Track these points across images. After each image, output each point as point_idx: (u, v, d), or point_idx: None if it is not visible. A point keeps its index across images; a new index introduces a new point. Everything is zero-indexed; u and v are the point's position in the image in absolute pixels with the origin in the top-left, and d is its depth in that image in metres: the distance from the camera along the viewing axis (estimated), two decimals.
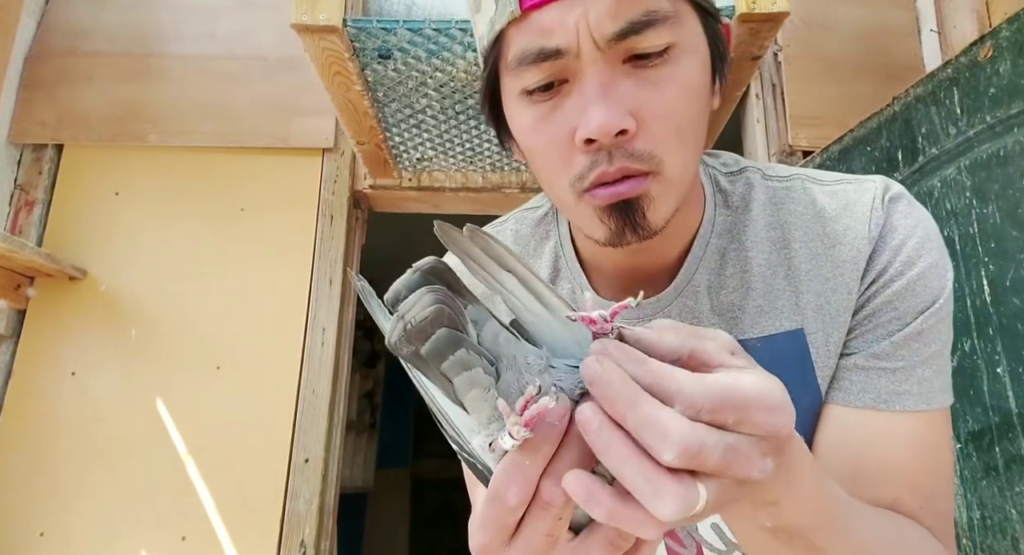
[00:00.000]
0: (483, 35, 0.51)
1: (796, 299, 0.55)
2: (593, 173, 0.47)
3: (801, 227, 0.56)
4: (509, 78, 0.50)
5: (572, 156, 0.48)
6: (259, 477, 1.53)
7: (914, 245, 0.52)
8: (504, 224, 0.67)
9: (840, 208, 0.55)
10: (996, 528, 0.99)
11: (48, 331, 1.62)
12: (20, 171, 1.74)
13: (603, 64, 0.45)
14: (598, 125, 0.44)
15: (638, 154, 0.46)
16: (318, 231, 1.71)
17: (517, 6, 0.46)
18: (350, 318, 1.73)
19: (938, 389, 0.53)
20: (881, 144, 1.31)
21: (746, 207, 0.58)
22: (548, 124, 0.48)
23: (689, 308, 0.57)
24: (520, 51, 0.47)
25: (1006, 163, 1.01)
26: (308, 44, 1.08)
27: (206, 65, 1.80)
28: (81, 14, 1.84)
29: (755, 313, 0.56)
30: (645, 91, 0.46)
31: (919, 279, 0.52)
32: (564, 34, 0.45)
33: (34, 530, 1.49)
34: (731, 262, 0.57)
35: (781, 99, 1.83)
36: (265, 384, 1.60)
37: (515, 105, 0.51)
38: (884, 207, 0.54)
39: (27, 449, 1.54)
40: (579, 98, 0.46)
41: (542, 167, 0.52)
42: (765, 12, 1.04)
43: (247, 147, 1.76)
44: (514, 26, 0.47)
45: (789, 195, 0.57)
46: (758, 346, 0.56)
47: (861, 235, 0.53)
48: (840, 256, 0.54)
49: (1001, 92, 1.03)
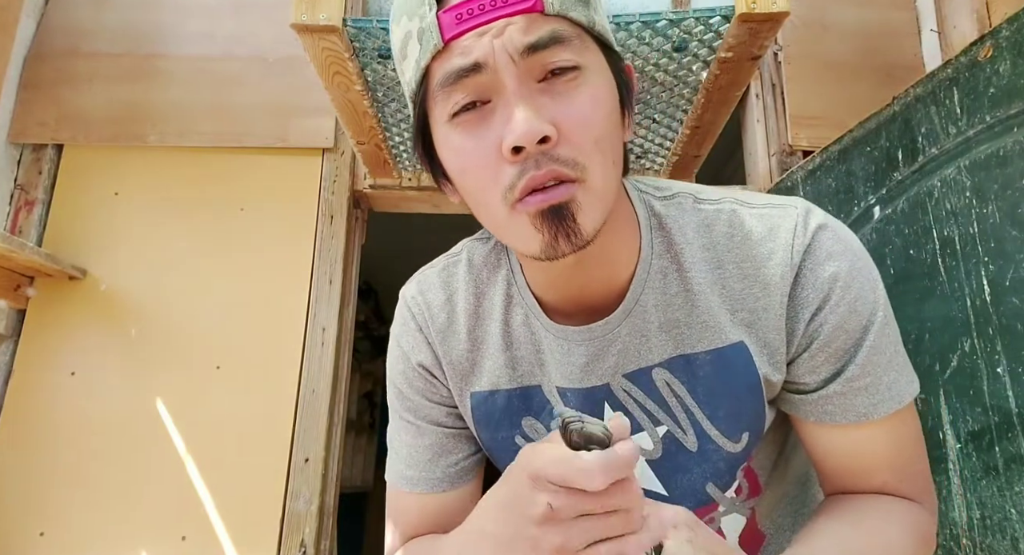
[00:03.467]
0: (411, 79, 0.54)
1: (732, 316, 0.59)
2: (523, 180, 0.49)
3: (732, 249, 0.59)
4: (436, 108, 0.53)
5: (501, 168, 0.50)
6: (259, 477, 1.53)
7: (846, 269, 0.56)
8: (460, 255, 0.69)
9: (766, 231, 0.58)
10: (996, 528, 0.99)
11: (48, 331, 1.62)
12: (20, 171, 1.74)
13: (520, 78, 0.49)
14: (523, 132, 0.48)
15: (563, 159, 0.49)
16: (318, 231, 1.71)
17: (439, 39, 0.50)
18: (350, 318, 1.73)
19: (905, 385, 0.59)
20: (881, 144, 1.31)
21: (680, 230, 0.61)
22: (475, 141, 0.51)
23: (637, 327, 0.60)
24: (443, 75, 0.51)
25: (1006, 163, 1.01)
26: (308, 44, 1.08)
27: (206, 65, 1.80)
28: (81, 14, 1.84)
29: (700, 328, 0.59)
30: (561, 104, 0.50)
31: (857, 300, 0.56)
32: (481, 50, 0.49)
33: (34, 530, 1.49)
34: (673, 281, 0.60)
35: (781, 99, 1.83)
36: (265, 384, 1.60)
37: (443, 132, 0.54)
38: (806, 234, 0.57)
39: (27, 449, 1.54)
40: (502, 112, 0.50)
41: (474, 186, 0.54)
42: (765, 12, 1.03)
43: (247, 147, 1.76)
44: (438, 59, 0.51)
45: (719, 217, 0.61)
46: (707, 359, 0.59)
47: (784, 261, 0.57)
48: (767, 278, 0.57)
49: (1001, 92, 1.03)
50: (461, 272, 0.67)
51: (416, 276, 0.71)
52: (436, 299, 0.67)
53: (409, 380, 0.69)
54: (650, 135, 1.54)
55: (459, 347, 0.66)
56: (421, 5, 0.51)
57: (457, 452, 0.69)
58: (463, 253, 0.69)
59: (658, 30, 1.12)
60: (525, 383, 0.65)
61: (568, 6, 0.51)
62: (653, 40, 1.15)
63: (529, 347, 0.64)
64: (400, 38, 0.55)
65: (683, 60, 1.20)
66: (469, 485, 0.71)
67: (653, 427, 0.62)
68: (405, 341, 0.68)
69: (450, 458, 0.69)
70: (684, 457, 0.62)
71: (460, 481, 0.70)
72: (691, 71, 1.24)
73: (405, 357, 0.68)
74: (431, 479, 0.68)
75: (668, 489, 0.64)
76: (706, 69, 1.22)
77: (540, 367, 0.64)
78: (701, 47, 1.16)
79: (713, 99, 1.28)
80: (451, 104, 0.51)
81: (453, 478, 0.69)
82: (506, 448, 0.67)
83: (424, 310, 0.67)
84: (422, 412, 0.69)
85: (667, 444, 0.62)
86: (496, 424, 0.66)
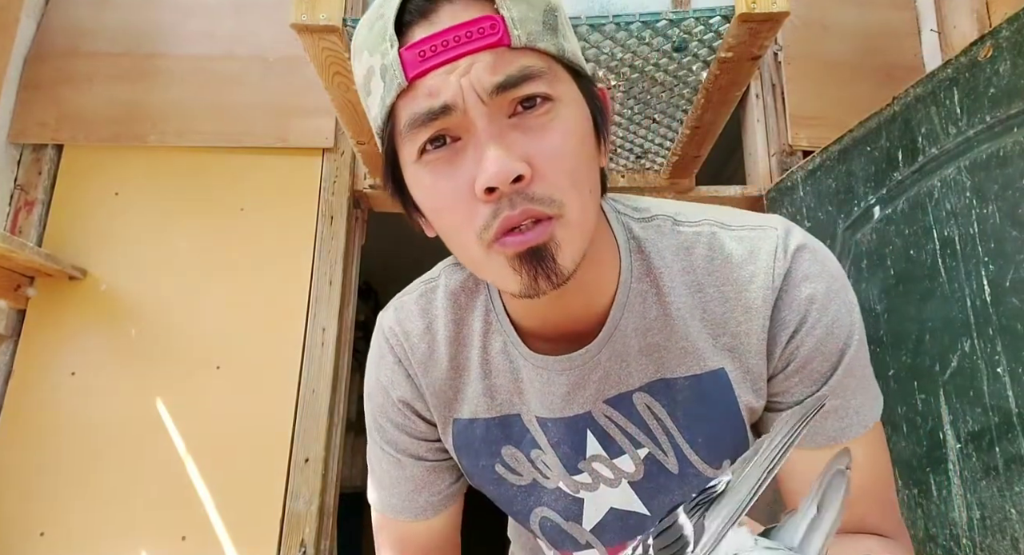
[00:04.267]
0: (376, 115, 0.52)
1: (713, 341, 0.58)
2: (497, 221, 0.48)
3: (712, 272, 0.58)
4: (404, 146, 0.51)
5: (474, 208, 0.49)
6: (259, 477, 1.53)
7: (823, 291, 0.56)
8: (437, 281, 0.67)
9: (746, 254, 0.58)
10: (996, 528, 0.99)
11: (48, 331, 1.62)
12: (20, 171, 1.74)
13: (490, 117, 0.48)
14: (495, 172, 0.46)
15: (539, 198, 0.48)
16: (318, 231, 1.71)
17: (403, 78, 0.48)
18: (350, 318, 1.73)
19: (872, 406, 0.58)
20: (881, 144, 1.31)
21: (659, 253, 0.60)
22: (447, 181, 0.50)
23: (618, 352, 0.59)
24: (411, 116, 0.49)
25: (1006, 163, 1.01)
26: (308, 44, 1.08)
27: (206, 65, 1.80)
28: (81, 14, 1.84)
29: (679, 354, 0.59)
30: (533, 139, 0.48)
31: (835, 323, 0.56)
32: (449, 91, 0.47)
33: (34, 530, 1.49)
34: (652, 306, 0.59)
35: (781, 99, 1.83)
36: (265, 384, 1.60)
37: (413, 171, 0.52)
38: (786, 257, 0.57)
39: (27, 449, 1.54)
40: (473, 151, 0.48)
41: (448, 226, 0.53)
42: (765, 12, 1.03)
43: (247, 147, 1.76)
44: (403, 97, 0.49)
45: (699, 240, 0.59)
46: (686, 385, 0.59)
47: (766, 284, 0.56)
48: (748, 302, 0.57)
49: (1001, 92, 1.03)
50: (439, 298, 0.65)
51: (393, 303, 0.69)
52: (415, 328, 0.65)
53: (388, 415, 0.67)
54: (650, 135, 1.54)
55: (441, 375, 0.65)
56: (382, 41, 0.49)
57: (439, 482, 0.69)
58: (440, 278, 0.67)
59: (658, 30, 1.12)
60: (504, 412, 0.64)
61: (535, 37, 0.49)
62: (653, 40, 1.15)
63: (508, 375, 0.63)
64: (363, 73, 0.53)
65: (683, 60, 1.20)
66: (454, 506, 0.71)
67: (634, 449, 0.62)
68: (384, 375, 0.67)
69: (432, 488, 0.68)
70: (665, 478, 0.62)
71: (444, 507, 0.69)
72: (691, 71, 1.24)
73: (384, 391, 0.67)
74: (414, 508, 0.68)
75: (650, 509, 0.64)
76: (706, 69, 1.22)
77: (519, 396, 0.63)
78: (701, 47, 1.16)
79: (713, 99, 1.28)
80: (420, 142, 0.50)
81: (437, 506, 0.69)
82: (487, 477, 0.66)
83: (403, 341, 0.66)
84: (402, 446, 0.68)
85: (648, 465, 0.62)
86: (476, 453, 0.66)
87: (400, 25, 0.49)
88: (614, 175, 1.73)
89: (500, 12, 0.48)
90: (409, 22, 0.49)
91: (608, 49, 1.17)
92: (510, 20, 0.48)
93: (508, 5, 0.48)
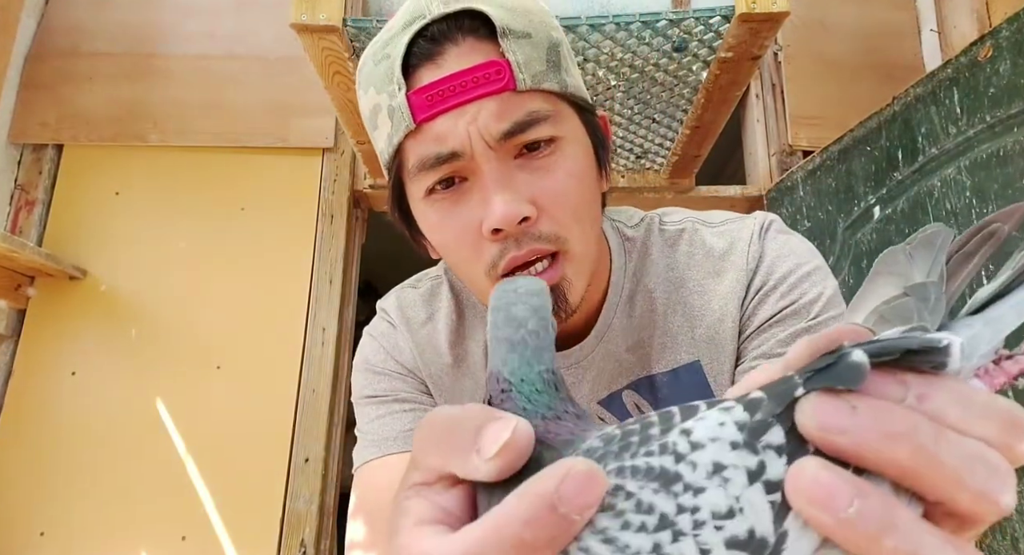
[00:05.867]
0: (383, 150, 0.54)
1: (692, 333, 0.59)
2: (504, 260, 0.50)
3: (693, 267, 0.61)
4: (412, 184, 0.53)
5: (481, 247, 0.51)
6: (259, 477, 1.53)
7: (793, 266, 0.57)
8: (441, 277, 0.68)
9: (726, 246, 0.60)
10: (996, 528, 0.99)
11: (48, 331, 1.62)
12: (20, 171, 1.74)
13: (497, 161, 0.49)
14: (502, 215, 0.48)
15: (544, 236, 0.50)
16: (318, 231, 1.71)
17: (411, 121, 0.50)
18: (350, 318, 1.73)
19: None
20: (881, 144, 1.31)
21: (646, 251, 0.62)
22: (454, 220, 0.52)
23: (610, 351, 0.61)
24: (419, 159, 0.51)
25: (1006, 163, 1.01)
26: (308, 44, 1.08)
27: (206, 65, 1.80)
28: (81, 14, 1.84)
29: (660, 349, 0.60)
30: (539, 180, 0.50)
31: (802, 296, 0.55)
32: (457, 138, 0.49)
33: (34, 530, 1.49)
34: (638, 303, 0.61)
35: (781, 99, 1.83)
36: (265, 384, 1.60)
37: (421, 208, 0.54)
38: (760, 240, 0.59)
39: (27, 449, 1.54)
40: (479, 193, 0.50)
41: (456, 260, 0.55)
42: (765, 12, 1.03)
43: (247, 147, 1.76)
44: (410, 138, 0.51)
45: (681, 236, 0.62)
46: (664, 379, 0.60)
47: (741, 267, 0.58)
48: (725, 290, 0.58)
49: (1001, 92, 1.03)
50: (443, 292, 0.67)
51: (395, 292, 0.70)
52: (417, 316, 0.67)
53: (388, 370, 0.66)
54: (650, 135, 1.54)
55: (441, 361, 0.65)
56: (390, 82, 0.50)
57: None
58: (444, 275, 0.68)
59: (658, 30, 1.12)
60: None
61: (540, 78, 0.50)
62: (653, 40, 1.15)
63: None
64: (369, 108, 0.54)
65: (683, 60, 1.20)
66: None
67: None
68: (388, 342, 0.67)
69: None
70: None
71: None
72: (691, 71, 1.24)
73: (386, 353, 0.66)
74: (410, 435, 0.63)
75: None
76: (706, 69, 1.22)
77: None
78: (701, 47, 1.16)
79: (713, 99, 1.28)
80: (428, 184, 0.51)
81: None
82: None
83: (406, 324, 0.67)
84: (399, 391, 0.65)
85: None
86: None
87: (407, 66, 0.50)
88: (614, 175, 1.73)
89: (506, 56, 0.49)
90: (415, 65, 0.50)
91: (608, 49, 1.17)
92: (515, 64, 0.49)
93: (513, 49, 0.49)
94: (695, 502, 0.20)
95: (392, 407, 0.64)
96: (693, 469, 0.20)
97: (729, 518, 0.19)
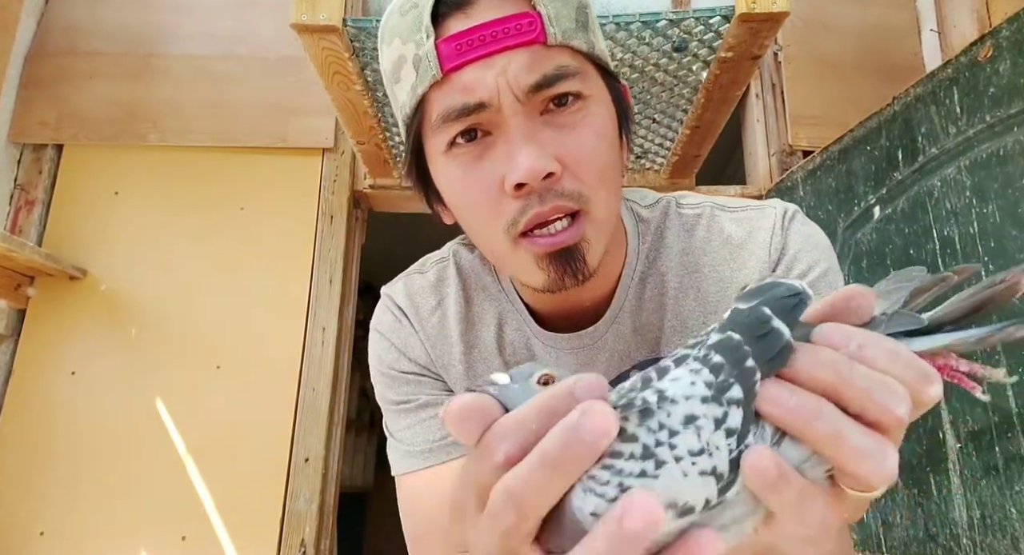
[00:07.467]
0: (405, 103, 0.52)
1: (704, 319, 0.59)
2: (526, 216, 0.49)
3: (710, 253, 0.60)
4: (434, 138, 0.52)
5: (502, 203, 0.50)
6: (259, 477, 1.53)
7: (811, 249, 0.57)
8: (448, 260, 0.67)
9: (745, 235, 0.59)
10: (996, 527, 0.99)
11: (48, 331, 1.62)
12: (20, 171, 1.74)
13: (524, 115, 0.48)
14: (527, 169, 0.47)
15: (568, 193, 0.49)
16: (318, 231, 1.71)
17: (438, 69, 0.48)
18: (350, 318, 1.74)
19: None
20: (881, 144, 1.31)
21: (661, 234, 0.62)
22: (476, 175, 0.50)
23: (622, 333, 0.61)
24: (444, 109, 0.49)
25: (1006, 163, 1.01)
26: (308, 44, 1.08)
27: (206, 65, 1.80)
28: (81, 13, 1.84)
29: (670, 333, 0.60)
30: (564, 137, 0.49)
31: (822, 278, 0.56)
32: (485, 89, 0.48)
33: (34, 530, 1.49)
34: (650, 286, 0.61)
35: (781, 99, 1.83)
36: (265, 384, 1.60)
37: (441, 163, 0.53)
38: (783, 231, 0.58)
39: (27, 449, 1.54)
40: (504, 147, 0.49)
41: (474, 219, 0.54)
42: (765, 12, 1.04)
43: (247, 147, 1.76)
44: (436, 89, 0.50)
45: (699, 222, 0.61)
46: None
47: (763, 259, 0.58)
48: (744, 279, 0.58)
49: (1001, 92, 1.03)
50: (451, 277, 0.66)
51: (402, 278, 0.69)
52: (426, 304, 0.66)
53: (404, 371, 0.66)
54: (650, 135, 1.54)
55: (453, 350, 0.65)
56: (417, 31, 0.49)
57: None
58: (451, 257, 0.68)
59: (658, 30, 1.12)
60: None
61: (570, 35, 0.49)
62: (653, 40, 1.15)
63: (524, 353, 0.64)
64: (392, 61, 0.52)
65: (683, 60, 1.20)
66: None
67: None
68: (397, 338, 0.66)
69: None
70: None
71: None
72: (691, 71, 1.24)
73: (399, 351, 0.66)
74: (444, 446, 0.62)
75: None
76: (706, 69, 1.22)
77: None
78: (701, 47, 1.16)
79: (713, 99, 1.28)
80: (450, 135, 0.50)
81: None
82: None
83: (414, 313, 0.66)
84: (422, 392, 0.65)
85: None
86: None
87: (435, 15, 0.49)
88: None
89: (537, 8, 0.48)
90: (445, 13, 0.49)
91: (608, 49, 1.17)
92: (547, 17, 0.48)
93: (544, 2, 0.48)
94: (673, 441, 0.26)
95: (419, 415, 0.64)
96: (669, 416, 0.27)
97: (700, 455, 0.26)
